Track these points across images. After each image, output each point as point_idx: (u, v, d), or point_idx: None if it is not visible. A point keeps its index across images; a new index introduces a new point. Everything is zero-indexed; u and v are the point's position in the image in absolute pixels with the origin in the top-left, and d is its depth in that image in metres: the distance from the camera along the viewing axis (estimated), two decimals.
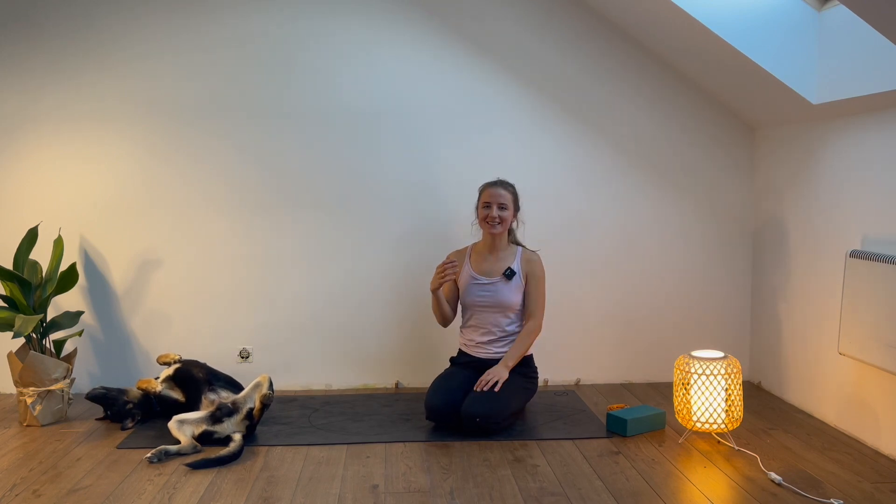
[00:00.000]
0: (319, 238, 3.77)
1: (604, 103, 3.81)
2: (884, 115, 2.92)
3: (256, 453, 2.95)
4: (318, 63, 3.70)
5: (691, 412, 3.01)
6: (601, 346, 3.91)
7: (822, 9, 3.16)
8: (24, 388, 3.24)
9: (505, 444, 3.02)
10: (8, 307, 3.30)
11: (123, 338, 3.76)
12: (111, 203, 3.70)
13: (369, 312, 3.81)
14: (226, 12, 3.65)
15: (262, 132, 3.71)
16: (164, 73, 3.66)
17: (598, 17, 3.76)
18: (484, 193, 3.36)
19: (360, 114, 3.73)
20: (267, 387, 3.05)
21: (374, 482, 2.67)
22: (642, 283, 3.89)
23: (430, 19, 3.71)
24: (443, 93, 3.75)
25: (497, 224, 3.31)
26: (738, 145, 3.88)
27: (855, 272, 2.94)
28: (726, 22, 3.14)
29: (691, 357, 3.03)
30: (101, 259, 3.72)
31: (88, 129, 3.66)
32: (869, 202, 3.00)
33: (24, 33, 3.60)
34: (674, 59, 3.73)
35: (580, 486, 2.63)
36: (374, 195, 3.77)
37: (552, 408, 3.48)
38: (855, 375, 3.08)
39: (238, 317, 3.77)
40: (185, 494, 2.57)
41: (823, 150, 3.31)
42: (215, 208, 3.72)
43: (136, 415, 3.27)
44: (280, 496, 2.56)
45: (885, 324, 2.76)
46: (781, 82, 3.18)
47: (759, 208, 3.85)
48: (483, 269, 3.36)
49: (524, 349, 3.30)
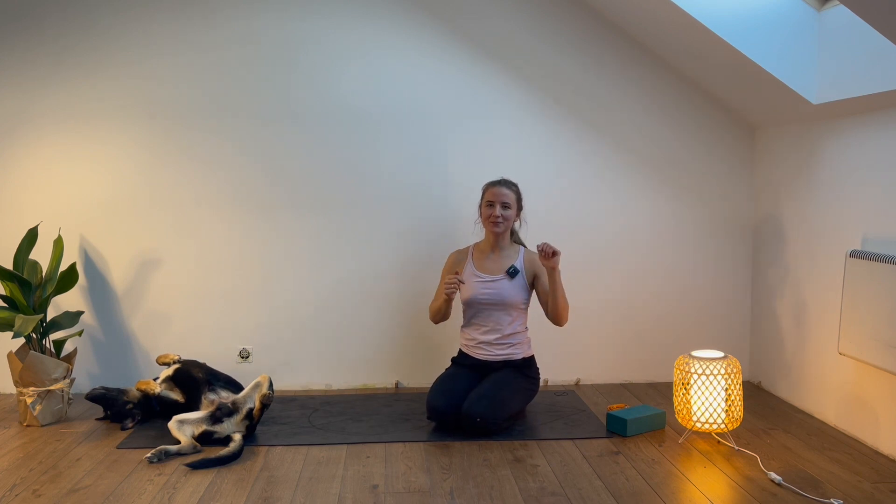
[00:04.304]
0: (319, 238, 3.77)
1: (604, 103, 3.81)
2: (884, 115, 2.92)
3: (256, 453, 2.95)
4: (319, 63, 3.70)
5: (691, 412, 3.01)
6: (601, 346, 3.91)
7: (822, 9, 3.16)
8: (24, 388, 3.24)
9: (505, 444, 3.02)
10: (8, 307, 3.30)
11: (123, 338, 3.76)
12: (111, 203, 3.70)
13: (369, 312, 3.81)
14: (226, 13, 3.65)
15: (262, 132, 3.71)
16: (164, 74, 3.66)
17: (598, 16, 3.76)
18: (487, 192, 3.35)
19: (361, 114, 3.73)
20: (267, 387, 3.05)
21: (374, 482, 2.67)
22: (642, 283, 3.89)
23: (430, 19, 3.71)
24: (443, 93, 3.75)
25: (500, 223, 3.31)
26: (738, 145, 3.88)
27: (855, 272, 2.94)
28: (726, 22, 3.14)
29: (691, 357, 3.03)
30: (101, 259, 3.72)
31: (88, 129, 3.66)
32: (869, 202, 3.00)
33: (24, 33, 3.60)
34: (674, 59, 3.73)
35: (580, 486, 2.63)
36: (374, 195, 3.77)
37: (552, 408, 3.48)
38: (855, 375, 3.08)
39: (238, 317, 3.78)
40: (185, 494, 2.57)
41: (823, 150, 3.31)
42: (215, 208, 3.72)
43: (136, 415, 3.27)
44: (280, 496, 2.56)
45: (885, 324, 2.76)
46: (781, 82, 3.19)
47: (759, 208, 3.85)
48: (486, 268, 3.36)
49: (563, 298, 3.25)
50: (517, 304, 3.32)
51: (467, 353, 3.39)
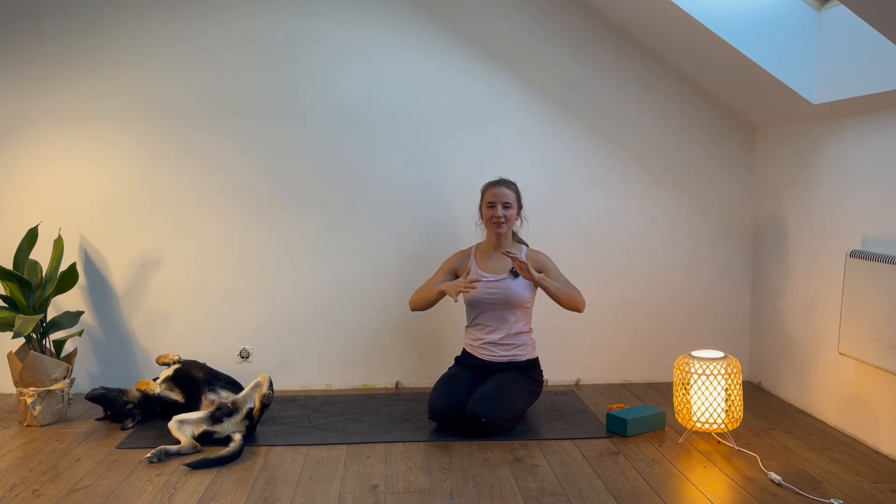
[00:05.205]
0: (319, 238, 3.77)
1: (604, 103, 3.81)
2: (884, 115, 2.92)
3: (256, 453, 2.95)
4: (319, 63, 3.70)
5: (691, 412, 3.01)
6: (601, 346, 3.91)
7: (822, 9, 3.16)
8: (24, 388, 3.24)
9: (505, 444, 3.02)
10: (8, 307, 3.30)
11: (123, 338, 3.76)
12: (111, 203, 3.70)
13: (369, 312, 3.81)
14: (226, 13, 3.65)
15: (262, 132, 3.71)
16: (164, 73, 3.66)
17: (598, 16, 3.76)
18: (487, 193, 3.35)
19: (361, 114, 3.73)
20: (267, 387, 3.05)
21: (374, 482, 2.67)
22: (642, 283, 3.89)
23: (430, 19, 3.71)
24: (443, 93, 3.75)
25: (503, 223, 3.31)
26: (738, 145, 3.88)
27: (855, 272, 2.94)
28: (726, 22, 3.14)
29: (691, 357, 3.03)
30: (101, 259, 3.72)
31: (88, 129, 3.66)
32: (869, 202, 3.00)
33: (24, 33, 3.60)
34: (674, 59, 3.73)
35: (580, 486, 2.63)
36: (374, 195, 3.77)
37: (552, 408, 3.48)
38: (855, 375, 3.08)
39: (238, 317, 3.77)
40: (185, 494, 2.57)
41: (823, 150, 3.31)
42: (215, 208, 3.72)
43: (136, 415, 3.27)
44: (280, 496, 2.56)
45: (885, 324, 2.76)
46: (781, 82, 3.19)
47: (760, 208, 3.85)
48: (489, 268, 3.36)
49: (564, 293, 3.25)
50: (522, 302, 3.32)
51: (471, 353, 3.39)
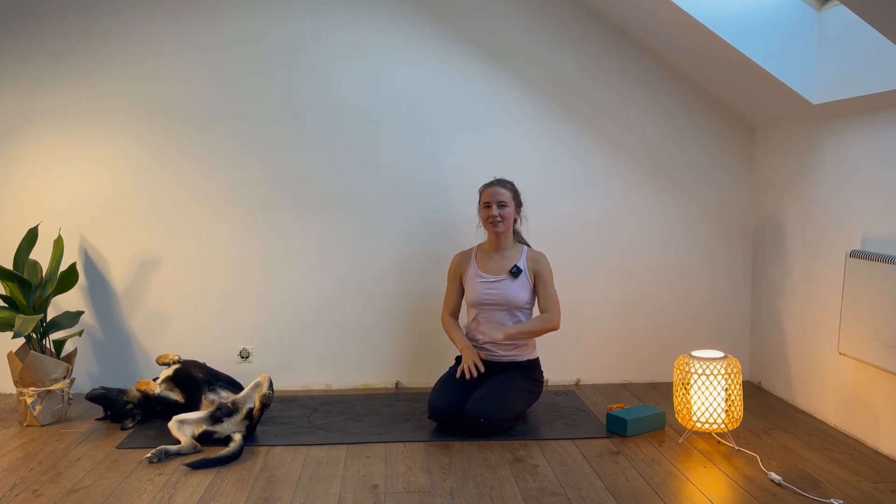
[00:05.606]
0: (319, 238, 3.77)
1: (604, 103, 3.81)
2: (884, 115, 2.92)
3: (256, 453, 2.95)
4: (319, 63, 3.70)
5: (691, 412, 3.01)
6: (601, 346, 3.91)
7: (822, 9, 3.16)
8: (24, 388, 3.24)
9: (505, 444, 3.02)
10: (8, 307, 3.30)
11: (123, 338, 3.76)
12: (111, 203, 3.70)
13: (369, 312, 3.81)
14: (226, 13, 3.65)
15: (262, 132, 3.71)
16: (164, 73, 3.66)
17: (598, 16, 3.76)
18: (483, 194, 3.35)
19: (361, 114, 3.73)
20: (267, 387, 3.05)
21: (374, 482, 2.67)
22: (642, 282, 3.89)
23: (430, 19, 3.71)
24: (443, 93, 3.75)
25: (500, 223, 3.31)
26: (738, 145, 3.88)
27: (855, 272, 2.94)
28: (726, 22, 3.14)
29: (691, 357, 3.03)
30: (101, 259, 3.72)
31: (88, 129, 3.66)
32: (869, 202, 3.00)
33: (24, 33, 3.60)
34: (674, 59, 3.73)
35: (580, 486, 2.63)
36: (374, 195, 3.77)
37: (552, 408, 3.48)
38: (855, 375, 3.08)
39: (238, 317, 3.77)
40: (185, 494, 2.57)
41: (823, 150, 3.31)
42: (215, 208, 3.72)
43: (136, 415, 3.27)
44: (280, 496, 2.56)
45: (885, 324, 2.76)
46: (781, 82, 3.18)
47: (759, 208, 3.85)
48: (489, 268, 3.36)
49: (530, 330, 3.27)
50: (521, 303, 3.31)
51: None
